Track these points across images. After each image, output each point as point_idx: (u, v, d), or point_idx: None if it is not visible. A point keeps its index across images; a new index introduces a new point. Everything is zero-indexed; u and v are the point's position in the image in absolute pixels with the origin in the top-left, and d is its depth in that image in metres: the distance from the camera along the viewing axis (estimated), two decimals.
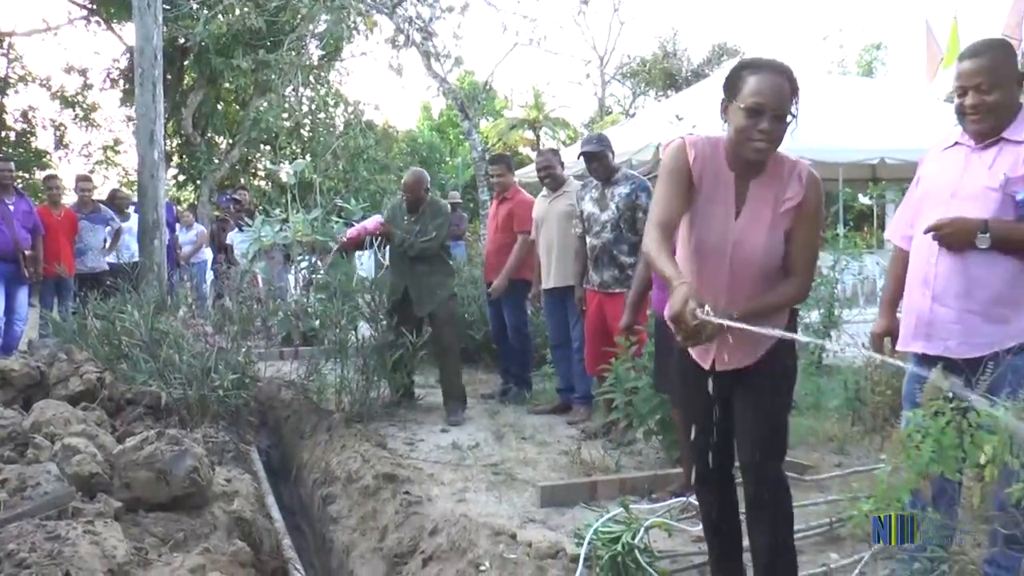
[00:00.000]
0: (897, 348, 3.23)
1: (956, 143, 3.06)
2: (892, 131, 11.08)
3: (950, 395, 2.15)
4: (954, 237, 2.88)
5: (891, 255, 3.44)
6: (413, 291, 6.37)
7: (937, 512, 2.30)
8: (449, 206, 7.84)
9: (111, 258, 9.75)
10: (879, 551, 3.40)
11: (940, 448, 2.11)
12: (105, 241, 9.77)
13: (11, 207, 8.17)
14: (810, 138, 10.89)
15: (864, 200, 12.53)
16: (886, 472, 2.29)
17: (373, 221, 6.73)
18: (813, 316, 7.93)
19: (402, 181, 6.63)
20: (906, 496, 2.24)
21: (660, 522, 3.57)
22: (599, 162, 5.71)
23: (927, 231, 2.95)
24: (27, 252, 8.15)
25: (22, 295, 8.30)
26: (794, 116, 2.66)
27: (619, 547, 3.30)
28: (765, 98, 2.61)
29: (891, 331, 3.29)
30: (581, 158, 5.88)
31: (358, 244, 7.03)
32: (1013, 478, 2.19)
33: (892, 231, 3.40)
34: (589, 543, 3.36)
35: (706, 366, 2.85)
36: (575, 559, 3.34)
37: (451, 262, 6.90)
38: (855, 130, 11.19)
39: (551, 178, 6.37)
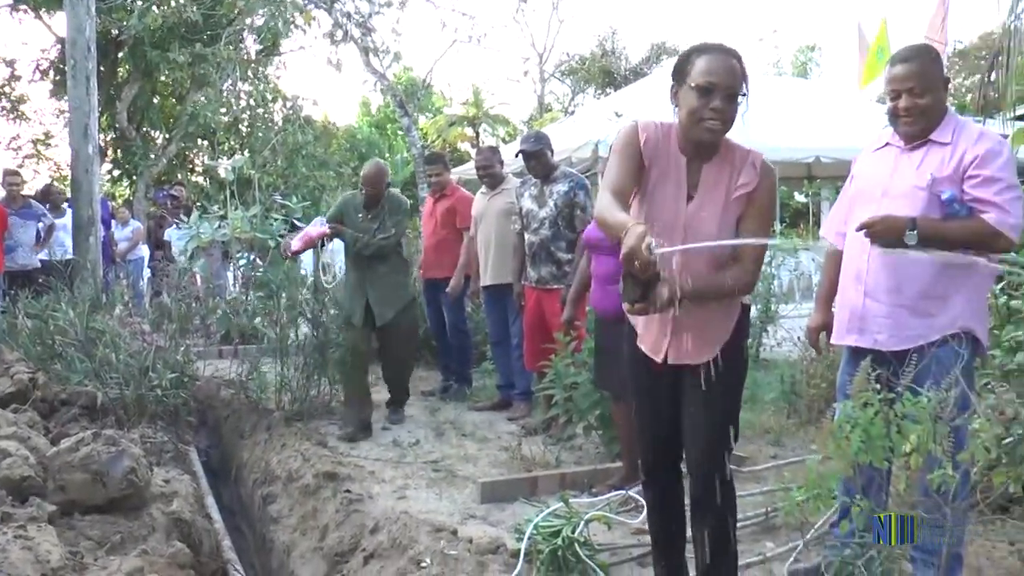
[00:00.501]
0: (832, 341, 3.34)
1: (887, 144, 3.20)
2: (826, 131, 11.29)
3: (878, 387, 2.23)
4: (884, 234, 2.99)
5: (826, 252, 3.54)
6: (372, 295, 5.87)
7: (866, 500, 2.37)
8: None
9: (44, 255, 9.50)
10: (812, 539, 3.50)
11: (868, 438, 2.19)
12: (38, 237, 9.51)
13: None
14: (746, 136, 11.12)
15: (800, 198, 12.79)
16: (816, 462, 2.36)
17: (316, 227, 5.95)
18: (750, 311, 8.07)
19: (362, 174, 6.11)
20: (836, 484, 2.32)
21: (600, 515, 3.63)
22: (537, 160, 5.75)
23: (859, 228, 3.05)
24: None
25: None
26: (744, 95, 2.68)
27: (559, 541, 3.34)
28: (717, 76, 2.63)
29: (826, 325, 3.40)
30: (520, 156, 5.92)
31: (304, 251, 6.30)
32: (936, 465, 2.28)
33: (827, 229, 3.51)
34: (529, 538, 3.40)
35: (658, 359, 2.85)
36: (515, 554, 3.37)
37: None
38: (791, 129, 11.37)
39: (490, 176, 6.40)
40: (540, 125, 21.19)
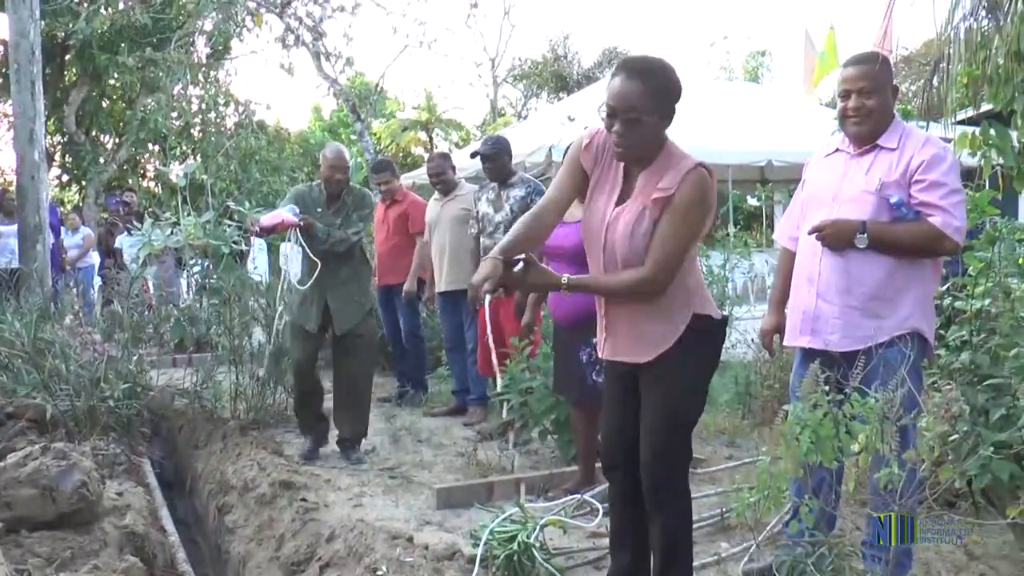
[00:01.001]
0: (784, 343, 3.41)
1: (837, 150, 3.30)
2: (778, 134, 11.43)
3: (827, 388, 2.28)
4: (835, 237, 3.09)
5: (779, 255, 3.62)
6: (333, 301, 5.21)
7: (816, 499, 2.42)
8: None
9: None
10: (765, 539, 3.54)
11: (818, 439, 2.23)
12: None
13: None
14: (700, 140, 11.20)
15: (752, 201, 12.94)
16: (768, 463, 2.40)
17: (289, 214, 5.05)
18: None
19: (325, 157, 5.36)
20: (786, 485, 2.36)
21: (555, 520, 3.65)
22: (493, 163, 5.77)
23: (811, 232, 3.14)
24: None
25: None
26: (659, 116, 2.69)
27: (515, 546, 3.35)
28: (613, 101, 2.68)
29: (779, 327, 3.47)
30: (476, 158, 5.92)
31: (270, 233, 5.36)
32: (884, 464, 2.33)
33: (780, 233, 3.58)
34: (485, 543, 3.40)
35: (602, 355, 2.95)
36: (472, 560, 3.38)
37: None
38: (743, 133, 11.50)
39: (443, 183, 6.42)
40: (493, 130, 21.22)
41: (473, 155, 6.02)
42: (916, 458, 2.16)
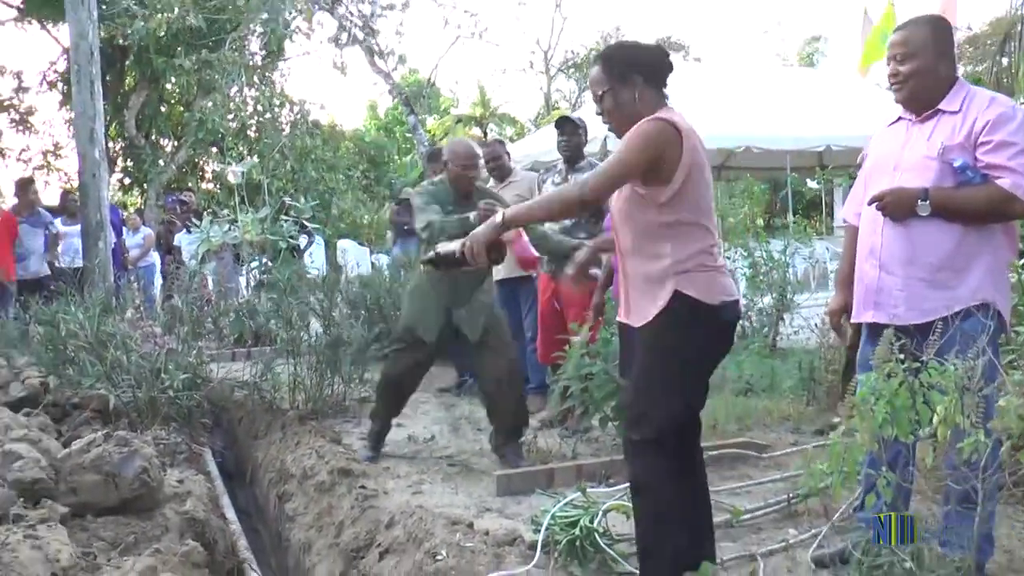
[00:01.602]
0: (851, 320, 3.30)
1: (900, 118, 3.19)
2: (836, 119, 11.22)
3: (902, 357, 2.17)
4: (896, 206, 2.97)
5: (845, 233, 3.51)
6: (459, 312, 4.86)
7: (893, 473, 2.30)
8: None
9: (60, 263, 9.52)
10: (836, 524, 3.43)
11: (893, 410, 2.12)
12: (46, 245, 9.53)
13: None
14: (757, 128, 11.05)
15: (812, 184, 12.69)
16: (839, 436, 2.30)
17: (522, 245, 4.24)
18: (767, 300, 8.04)
19: (452, 155, 4.96)
20: (860, 458, 2.25)
21: (618, 505, 3.56)
22: (574, 139, 5.69)
23: (871, 202, 3.03)
24: None
25: None
26: (618, 84, 2.90)
27: (577, 531, 3.29)
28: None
29: (846, 307, 3.35)
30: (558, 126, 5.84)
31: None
32: (963, 437, 2.21)
33: (846, 210, 3.48)
34: (546, 528, 3.34)
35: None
36: (533, 545, 3.32)
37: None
38: (800, 119, 11.32)
39: (498, 168, 6.36)
40: (548, 123, 21.14)
41: (559, 123, 5.91)
42: (1001, 428, 2.03)
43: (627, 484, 4.07)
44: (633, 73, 2.89)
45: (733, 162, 12.24)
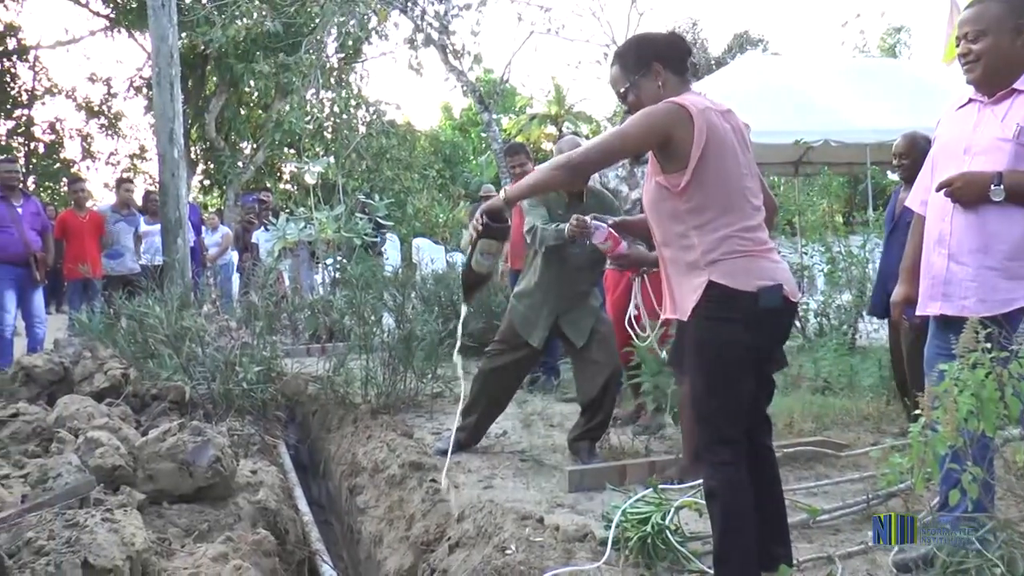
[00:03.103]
0: (917, 312, 3.15)
1: (970, 100, 3.03)
2: (919, 110, 10.88)
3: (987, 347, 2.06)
4: (966, 191, 2.83)
5: (912, 222, 3.36)
6: (567, 317, 4.81)
7: (979, 468, 2.18)
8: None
9: (143, 260, 9.81)
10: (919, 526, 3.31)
11: (979, 402, 2.01)
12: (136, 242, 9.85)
13: (19, 209, 8.09)
14: (836, 121, 10.80)
15: (893, 177, 12.35)
16: (918, 428, 2.19)
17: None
18: (845, 297, 7.85)
19: (558, 152, 4.71)
20: (942, 450, 2.13)
21: (690, 502, 3.49)
22: None
23: (939, 188, 2.89)
24: (38, 254, 8.07)
25: (37, 297, 8.25)
26: (637, 77, 2.87)
27: (648, 528, 3.23)
28: None
29: (911, 298, 3.22)
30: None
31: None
32: None
33: (912, 198, 3.32)
34: (617, 525, 3.29)
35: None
36: (603, 542, 3.27)
37: None
38: (881, 111, 11.02)
39: None
40: (622, 120, 20.98)
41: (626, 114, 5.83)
42: None
43: (700, 481, 4.03)
44: (652, 61, 2.85)
45: (811, 157, 12.00)
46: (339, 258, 9.35)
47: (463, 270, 3.35)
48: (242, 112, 23.22)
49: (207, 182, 24.41)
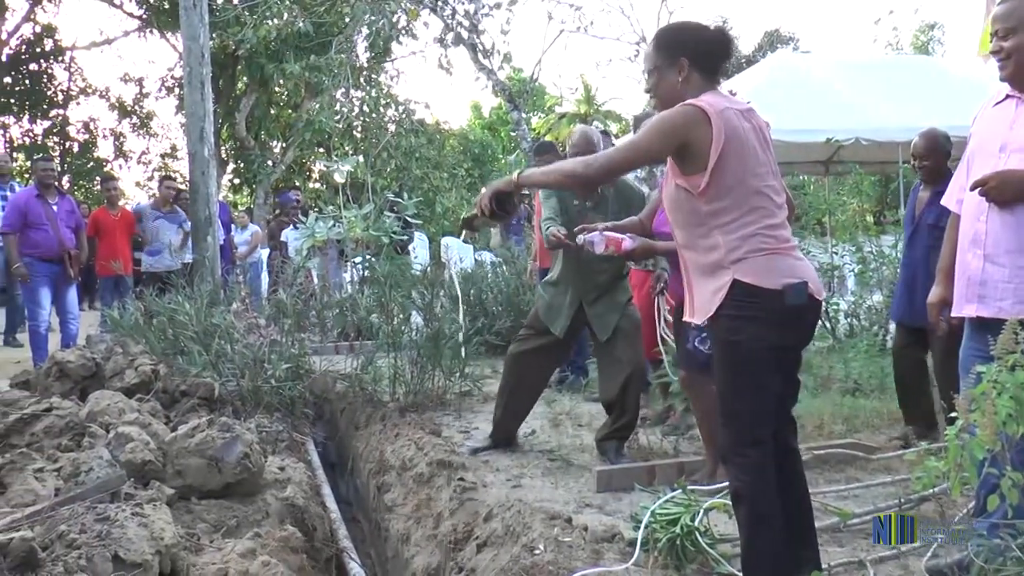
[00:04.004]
0: (952, 314, 3.10)
1: (1007, 96, 2.97)
2: (953, 108, 10.72)
3: None
4: (1002, 191, 2.78)
5: (948, 221, 3.31)
6: (592, 309, 4.79)
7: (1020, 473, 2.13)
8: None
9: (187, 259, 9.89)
10: (953, 531, 3.25)
11: (1019, 404, 1.96)
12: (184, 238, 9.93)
13: (55, 207, 8.22)
14: (867, 119, 10.67)
15: None
16: (954, 431, 2.14)
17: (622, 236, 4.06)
18: (876, 298, 7.76)
19: (569, 140, 5.00)
20: (980, 454, 2.09)
21: (719, 504, 3.46)
22: None
23: (973, 187, 2.83)
24: (72, 252, 8.20)
25: (71, 294, 8.38)
26: (666, 62, 2.83)
27: (677, 529, 3.20)
28: None
29: (947, 299, 3.16)
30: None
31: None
32: None
33: (948, 197, 3.27)
34: (646, 526, 3.27)
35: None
36: (632, 543, 3.25)
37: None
38: (913, 109, 10.86)
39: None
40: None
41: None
42: None
43: (727, 483, 3.99)
44: (680, 55, 2.80)
45: (842, 155, 11.86)
46: (367, 256, 9.38)
47: (461, 222, 3.52)
48: (272, 111, 23.36)
49: (237, 181, 24.58)
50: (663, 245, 4.01)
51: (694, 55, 2.81)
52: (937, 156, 4.86)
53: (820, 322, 8.02)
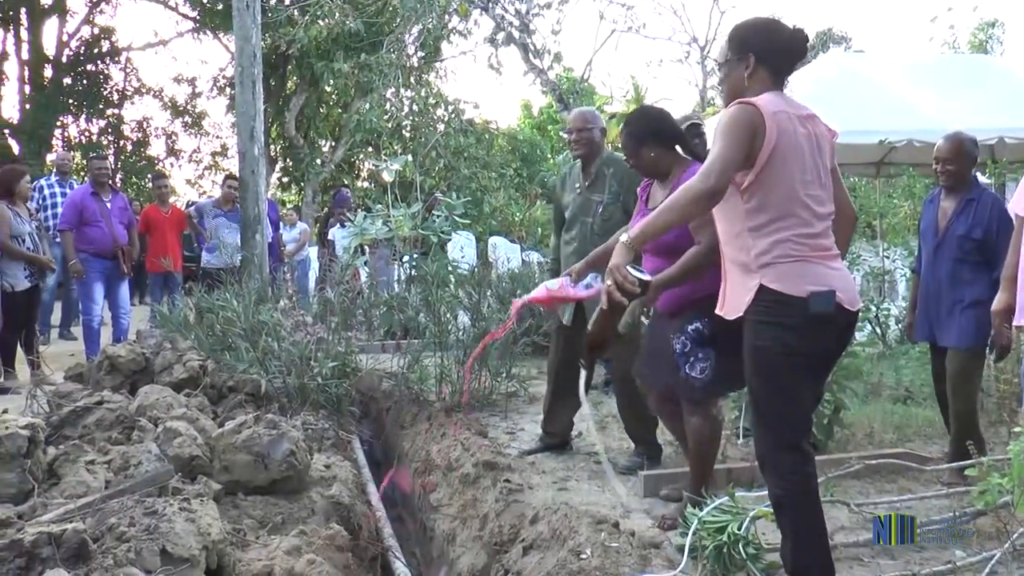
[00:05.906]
0: (1015, 323, 3.02)
1: None
2: (1012, 109, 10.48)
3: None
4: None
5: (1015, 228, 3.21)
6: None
7: None
8: None
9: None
10: (1007, 551, 3.15)
11: None
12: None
13: (108, 204, 8.38)
14: (921, 120, 10.45)
15: (983, 180, 11.93)
16: (1018, 447, 2.08)
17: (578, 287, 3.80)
18: None
19: (569, 128, 4.90)
20: None
21: (766, 512, 3.40)
22: (701, 139, 5.54)
23: None
24: (124, 248, 8.35)
25: (123, 289, 8.53)
26: (730, 60, 2.89)
27: (725, 537, 3.15)
28: None
29: (1012, 305, 3.07)
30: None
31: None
32: None
33: (1016, 202, 3.18)
34: (694, 533, 3.22)
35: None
36: (680, 549, 3.21)
37: None
38: (970, 110, 10.62)
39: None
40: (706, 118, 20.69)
41: (687, 125, 5.72)
42: None
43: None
44: (749, 51, 2.84)
45: (894, 157, 11.65)
46: (415, 255, 9.38)
47: (590, 333, 3.00)
48: (321, 111, 23.56)
49: (286, 179, 24.81)
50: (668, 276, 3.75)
51: (763, 52, 2.83)
52: (962, 160, 4.49)
53: (872, 327, 7.87)
